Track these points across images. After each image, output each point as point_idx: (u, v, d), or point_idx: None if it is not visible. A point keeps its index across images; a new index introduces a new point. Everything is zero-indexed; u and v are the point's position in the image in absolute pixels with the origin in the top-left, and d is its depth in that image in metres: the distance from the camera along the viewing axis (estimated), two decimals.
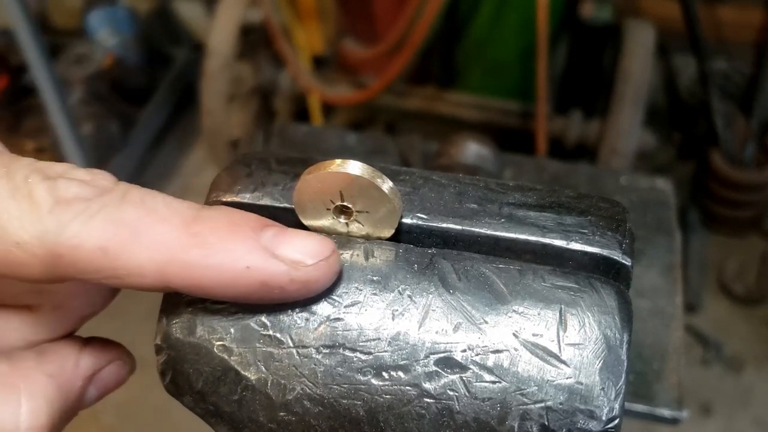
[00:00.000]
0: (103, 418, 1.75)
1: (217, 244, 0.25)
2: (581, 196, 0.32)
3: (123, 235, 0.24)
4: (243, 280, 0.26)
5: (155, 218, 0.25)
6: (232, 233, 0.26)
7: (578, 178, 0.93)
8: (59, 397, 0.28)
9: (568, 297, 0.28)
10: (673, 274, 0.82)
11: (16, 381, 0.27)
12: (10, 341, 0.29)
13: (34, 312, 0.30)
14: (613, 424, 0.27)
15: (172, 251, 0.25)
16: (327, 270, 0.27)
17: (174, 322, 0.29)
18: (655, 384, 0.71)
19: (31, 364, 0.28)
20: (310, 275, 0.27)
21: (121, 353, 0.33)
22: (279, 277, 0.26)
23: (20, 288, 0.29)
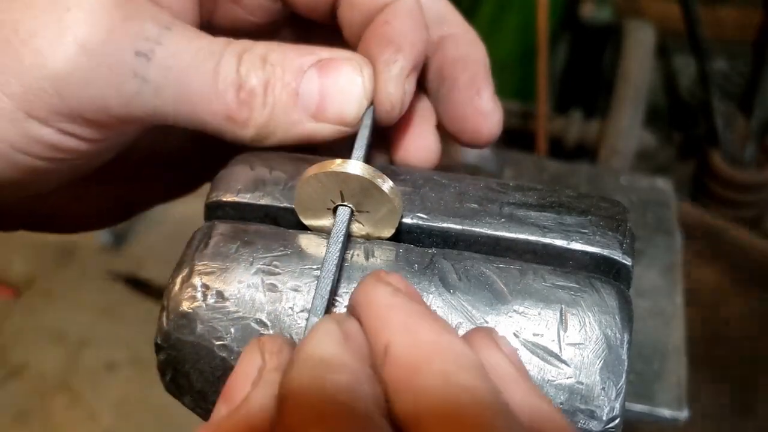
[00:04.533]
0: (102, 418, 1.75)
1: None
2: (581, 196, 0.32)
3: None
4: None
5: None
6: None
7: (578, 178, 0.93)
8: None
9: (568, 297, 0.28)
10: (673, 274, 0.82)
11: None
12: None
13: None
14: (613, 423, 0.27)
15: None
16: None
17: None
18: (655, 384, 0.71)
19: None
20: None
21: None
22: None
23: None
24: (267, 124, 0.32)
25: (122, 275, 1.97)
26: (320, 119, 0.32)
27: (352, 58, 0.33)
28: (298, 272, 0.29)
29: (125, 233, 2.17)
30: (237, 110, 0.31)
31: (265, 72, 0.31)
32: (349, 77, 0.32)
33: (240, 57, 0.31)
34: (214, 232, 0.31)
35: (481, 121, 0.36)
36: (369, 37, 0.34)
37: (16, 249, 2.13)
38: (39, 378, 1.84)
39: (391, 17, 0.33)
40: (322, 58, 0.32)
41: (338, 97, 0.32)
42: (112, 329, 1.92)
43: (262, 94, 0.31)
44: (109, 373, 1.83)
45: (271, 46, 0.32)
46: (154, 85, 0.29)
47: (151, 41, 0.29)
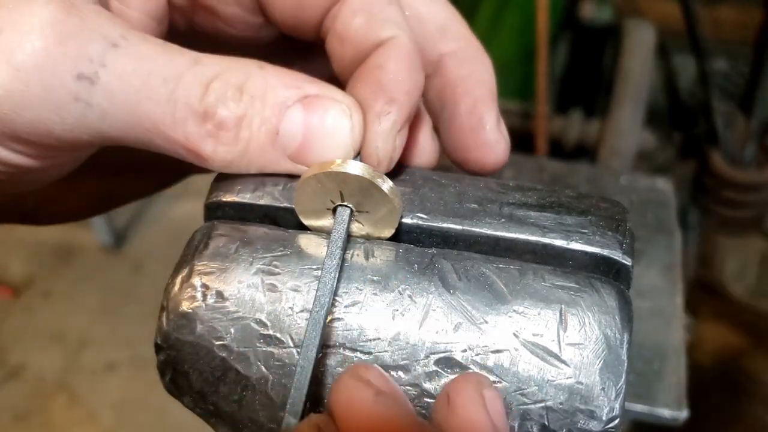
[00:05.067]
0: (102, 418, 1.75)
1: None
2: (581, 196, 0.32)
3: None
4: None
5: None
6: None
7: (578, 178, 0.93)
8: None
9: (568, 297, 0.28)
10: (673, 274, 0.82)
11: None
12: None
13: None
14: (613, 424, 0.27)
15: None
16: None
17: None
18: (655, 384, 0.71)
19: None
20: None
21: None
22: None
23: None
24: (239, 160, 0.29)
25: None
26: (299, 161, 0.30)
27: (342, 99, 0.30)
28: (298, 272, 0.29)
29: (125, 233, 2.18)
30: (200, 142, 0.28)
31: (240, 104, 0.28)
32: (336, 121, 0.29)
33: (207, 85, 0.28)
34: (214, 233, 0.31)
35: (486, 153, 0.34)
36: (360, 80, 0.31)
37: (15, 249, 2.13)
38: (38, 378, 1.84)
39: (385, 60, 0.30)
40: (309, 94, 0.29)
41: (323, 142, 0.29)
42: (112, 329, 1.92)
43: (234, 127, 0.28)
44: (109, 373, 1.83)
45: (251, 71, 0.29)
46: (98, 109, 0.27)
47: (95, 63, 0.26)
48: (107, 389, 1.80)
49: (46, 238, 2.14)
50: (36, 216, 0.38)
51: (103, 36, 0.27)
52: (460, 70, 0.34)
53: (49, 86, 0.26)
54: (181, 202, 2.26)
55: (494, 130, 0.34)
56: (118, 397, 1.79)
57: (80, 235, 2.13)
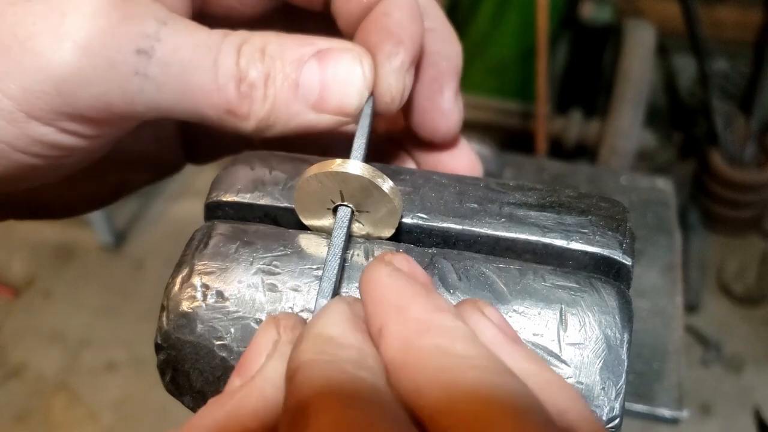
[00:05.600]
0: (102, 418, 1.75)
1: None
2: (581, 195, 0.32)
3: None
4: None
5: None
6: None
7: (578, 178, 0.93)
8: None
9: (568, 297, 0.28)
10: (673, 274, 0.82)
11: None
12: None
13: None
14: (613, 423, 0.27)
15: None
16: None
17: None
18: (656, 384, 0.71)
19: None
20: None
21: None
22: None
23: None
24: (268, 116, 0.32)
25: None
26: (320, 110, 0.32)
27: (352, 48, 0.33)
28: (298, 272, 0.29)
29: (125, 233, 2.18)
30: (238, 104, 0.31)
31: (264, 64, 0.31)
32: (349, 68, 0.32)
33: (239, 49, 0.31)
34: (214, 232, 0.31)
35: (438, 119, 0.37)
36: (368, 28, 0.34)
37: (16, 249, 2.14)
38: (39, 378, 1.84)
39: (391, 8, 0.33)
40: (320, 48, 0.32)
41: (339, 87, 0.32)
42: (112, 329, 1.92)
43: (262, 86, 0.31)
44: (109, 373, 1.83)
45: (269, 37, 0.32)
46: (156, 81, 0.29)
47: (151, 38, 0.29)
48: (107, 389, 1.80)
49: (47, 238, 2.14)
50: (47, 209, 0.39)
51: (155, 16, 0.29)
52: (432, 46, 0.37)
53: (113, 61, 0.28)
54: (181, 202, 2.26)
55: (450, 99, 0.37)
56: (118, 396, 1.79)
57: (80, 235, 2.13)
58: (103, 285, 2.05)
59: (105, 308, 1.98)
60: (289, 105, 0.32)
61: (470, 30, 1.92)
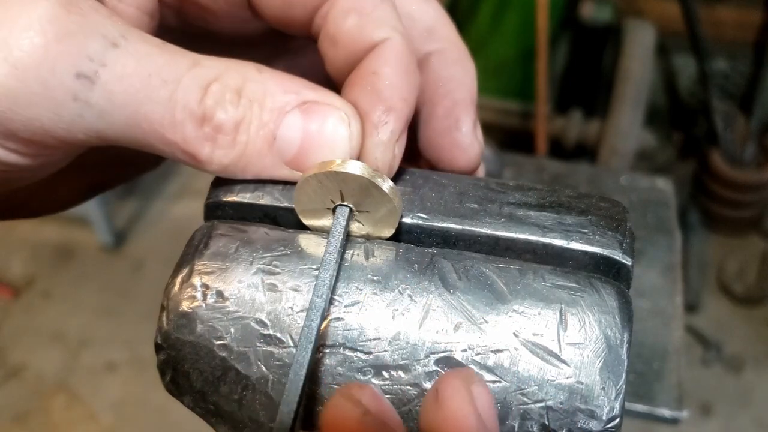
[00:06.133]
0: (102, 418, 1.75)
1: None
2: (581, 195, 0.32)
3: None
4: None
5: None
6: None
7: (578, 178, 0.93)
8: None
9: (568, 296, 0.28)
10: (673, 274, 0.82)
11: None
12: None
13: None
14: (613, 423, 0.27)
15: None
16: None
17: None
18: (655, 384, 0.71)
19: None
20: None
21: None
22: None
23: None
24: (235, 164, 0.29)
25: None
26: (296, 168, 0.30)
27: (341, 106, 0.30)
28: (298, 272, 0.29)
29: (125, 233, 2.18)
30: (197, 145, 0.28)
31: (238, 108, 0.28)
32: (335, 129, 0.29)
33: (206, 88, 0.28)
34: (214, 232, 0.31)
35: (458, 155, 0.34)
36: (355, 87, 0.31)
37: (15, 249, 2.14)
38: (38, 378, 1.84)
39: (380, 65, 0.30)
40: (307, 99, 0.29)
41: (321, 149, 0.29)
42: (112, 329, 1.92)
43: (232, 131, 0.28)
44: (109, 373, 1.83)
45: (249, 74, 0.29)
46: (97, 109, 0.26)
47: (95, 62, 0.26)
48: (107, 389, 1.80)
49: (47, 238, 2.14)
50: (25, 209, 0.37)
51: (103, 35, 0.26)
52: (444, 71, 0.34)
53: (47, 84, 0.25)
54: (181, 202, 2.26)
55: (469, 133, 0.34)
56: (118, 397, 1.79)
57: (80, 235, 2.13)
58: (103, 285, 2.05)
59: (105, 308, 1.98)
60: (261, 157, 0.29)
61: (470, 30, 1.92)
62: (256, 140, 0.29)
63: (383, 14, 0.31)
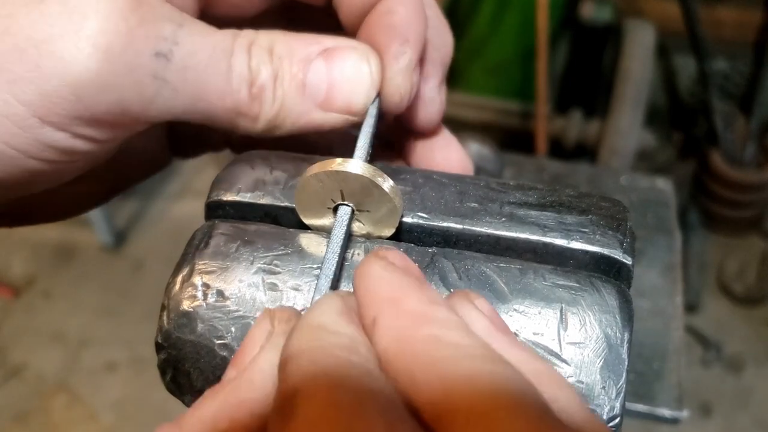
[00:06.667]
0: (103, 418, 1.75)
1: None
2: (582, 195, 0.32)
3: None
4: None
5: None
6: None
7: (578, 178, 0.93)
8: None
9: (568, 296, 0.28)
10: (673, 274, 0.82)
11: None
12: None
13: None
14: (613, 423, 0.27)
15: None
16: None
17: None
18: (656, 384, 0.71)
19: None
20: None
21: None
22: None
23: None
24: (276, 117, 0.32)
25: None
26: (328, 109, 0.32)
27: (358, 47, 0.33)
28: (299, 271, 0.29)
29: (125, 233, 2.17)
30: (249, 105, 0.31)
31: (272, 65, 0.31)
32: (356, 66, 0.32)
33: (249, 50, 0.31)
34: (215, 232, 0.31)
35: (419, 106, 0.36)
36: (372, 26, 0.34)
37: (16, 249, 2.14)
38: (38, 378, 1.84)
39: (395, 5, 0.33)
40: (327, 47, 0.32)
41: (346, 86, 0.32)
42: (112, 329, 1.92)
43: (271, 87, 0.31)
44: (109, 373, 1.83)
45: (275, 36, 0.32)
46: (173, 85, 0.29)
47: (169, 41, 0.28)
48: (107, 389, 1.80)
49: (47, 238, 2.14)
50: (42, 213, 0.38)
51: (171, 19, 0.29)
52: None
53: (132, 65, 0.28)
54: (181, 202, 2.26)
55: (434, 88, 0.37)
56: (118, 396, 1.79)
57: (80, 235, 2.13)
58: (103, 285, 2.04)
59: (105, 308, 1.98)
60: (297, 104, 0.32)
61: (470, 30, 1.92)
62: (290, 91, 0.32)
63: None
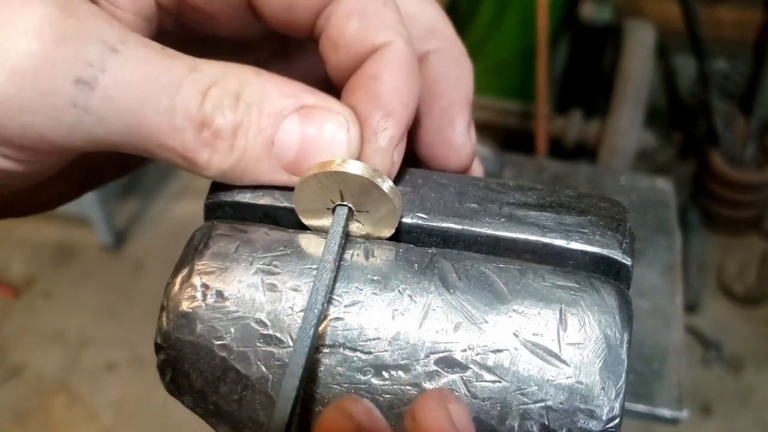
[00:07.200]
0: (102, 418, 1.75)
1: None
2: (581, 195, 0.32)
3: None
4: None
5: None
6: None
7: (578, 178, 0.93)
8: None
9: (568, 296, 0.28)
10: (673, 274, 0.82)
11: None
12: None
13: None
14: (613, 423, 0.27)
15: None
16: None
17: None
18: (655, 384, 0.71)
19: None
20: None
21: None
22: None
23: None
24: (233, 169, 0.29)
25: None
26: (294, 173, 0.29)
27: (340, 111, 0.29)
28: (298, 272, 0.29)
29: (125, 233, 2.18)
30: (196, 151, 0.28)
31: (237, 113, 0.28)
32: (333, 134, 0.29)
33: (205, 92, 0.27)
34: (214, 232, 0.31)
35: (451, 154, 0.34)
36: (355, 91, 0.30)
37: (16, 249, 2.14)
38: (38, 378, 1.84)
39: (381, 70, 0.30)
40: (305, 104, 0.29)
41: (319, 154, 0.29)
42: (112, 329, 1.92)
43: (230, 137, 0.28)
44: (109, 373, 1.83)
45: (247, 79, 0.28)
46: (96, 116, 0.26)
47: (94, 68, 0.25)
48: (107, 389, 1.80)
49: (47, 238, 2.14)
50: (14, 210, 0.36)
51: (102, 40, 0.26)
52: (441, 68, 0.34)
53: (46, 91, 0.25)
54: (181, 202, 2.26)
55: (463, 134, 0.34)
56: (118, 397, 1.79)
57: (80, 235, 2.13)
58: (103, 285, 2.05)
59: (105, 308, 1.98)
60: (259, 162, 0.29)
61: (470, 30, 1.92)
62: (254, 145, 0.28)
63: (386, 18, 0.30)
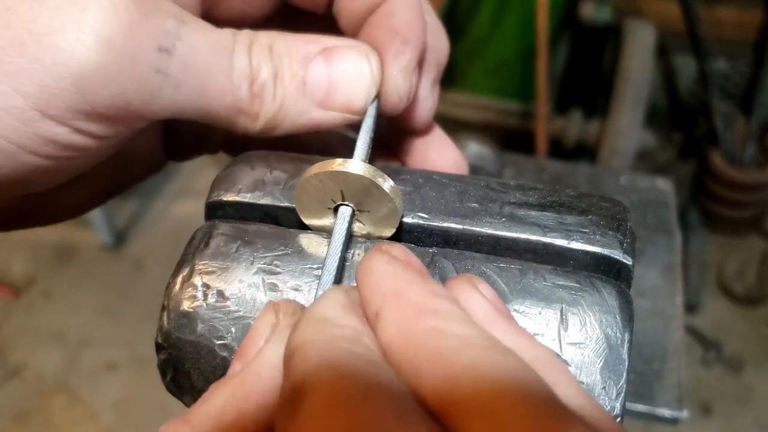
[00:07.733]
0: (103, 418, 1.75)
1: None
2: (582, 195, 0.32)
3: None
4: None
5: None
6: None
7: (578, 178, 0.93)
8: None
9: (569, 296, 0.28)
10: (673, 274, 0.82)
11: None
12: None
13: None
14: None
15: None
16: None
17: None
18: (656, 384, 0.71)
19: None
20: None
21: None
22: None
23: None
24: (276, 115, 0.32)
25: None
26: (328, 107, 0.33)
27: (358, 46, 0.33)
28: (299, 272, 0.29)
29: (125, 233, 2.18)
30: (249, 103, 0.31)
31: (273, 63, 0.31)
32: (356, 65, 0.32)
33: (250, 49, 0.31)
34: (215, 232, 0.31)
35: (412, 105, 0.37)
36: (373, 27, 0.34)
37: (16, 249, 2.13)
38: (38, 378, 1.84)
39: (396, 8, 0.34)
40: (326, 46, 0.32)
41: (347, 85, 0.32)
42: (112, 329, 1.92)
43: (272, 85, 0.31)
44: (109, 373, 1.83)
45: (274, 36, 0.32)
46: (175, 80, 0.29)
47: (172, 36, 0.28)
48: (107, 389, 1.80)
49: (47, 238, 2.14)
50: (42, 215, 0.38)
51: (174, 13, 0.29)
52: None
53: (134, 58, 0.27)
54: (181, 202, 2.26)
55: (426, 87, 0.37)
56: (118, 396, 1.79)
57: (80, 235, 2.13)
58: (103, 285, 2.04)
59: (105, 308, 1.98)
60: (296, 103, 0.32)
61: (470, 30, 1.92)
62: (290, 89, 0.32)
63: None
